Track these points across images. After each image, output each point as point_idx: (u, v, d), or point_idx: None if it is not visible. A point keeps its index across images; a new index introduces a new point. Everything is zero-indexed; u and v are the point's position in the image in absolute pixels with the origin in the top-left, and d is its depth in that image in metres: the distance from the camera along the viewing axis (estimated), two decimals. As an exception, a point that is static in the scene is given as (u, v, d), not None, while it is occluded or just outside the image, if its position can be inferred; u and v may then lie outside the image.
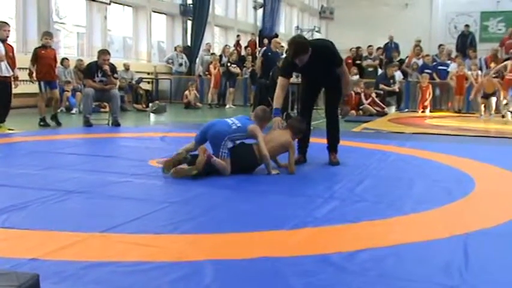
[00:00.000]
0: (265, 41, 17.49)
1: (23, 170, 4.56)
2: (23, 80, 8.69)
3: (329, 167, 5.08)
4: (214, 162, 4.37)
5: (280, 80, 5.02)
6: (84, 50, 14.75)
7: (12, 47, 7.99)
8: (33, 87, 9.47)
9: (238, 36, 18.58)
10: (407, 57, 15.79)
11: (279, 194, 3.89)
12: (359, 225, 3.09)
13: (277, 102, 4.89)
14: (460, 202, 3.74)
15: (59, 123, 8.57)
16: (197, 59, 16.39)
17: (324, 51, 4.92)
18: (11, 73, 7.59)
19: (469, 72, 13.99)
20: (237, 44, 17.85)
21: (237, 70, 15.20)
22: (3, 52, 7.48)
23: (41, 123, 8.37)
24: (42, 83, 8.51)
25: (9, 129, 7.60)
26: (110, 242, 2.69)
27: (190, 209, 3.42)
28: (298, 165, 4.98)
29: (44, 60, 8.45)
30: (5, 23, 8.17)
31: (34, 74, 8.46)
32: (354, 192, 3.92)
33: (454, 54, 16.13)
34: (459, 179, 4.58)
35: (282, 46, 12.29)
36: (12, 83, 7.75)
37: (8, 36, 7.76)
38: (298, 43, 4.80)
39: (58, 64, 10.19)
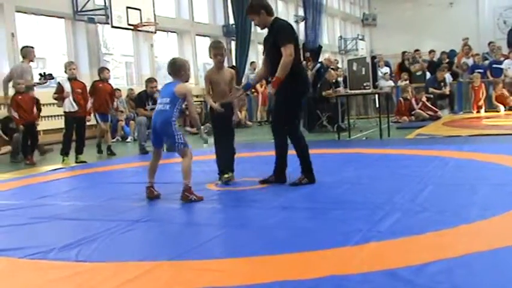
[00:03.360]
0: (308, 54, 17.53)
1: (88, 202, 4.74)
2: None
3: (387, 178, 5.00)
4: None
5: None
6: (134, 78, 15.21)
7: (82, 84, 8.28)
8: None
9: None
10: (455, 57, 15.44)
11: (338, 209, 3.85)
12: (425, 236, 3.03)
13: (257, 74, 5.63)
14: (528, 205, 3.61)
15: (113, 154, 8.93)
16: (243, 78, 16.58)
17: (276, 27, 4.84)
18: (76, 108, 7.92)
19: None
20: None
21: (284, 86, 15.25)
22: (69, 89, 7.85)
23: (98, 151, 8.98)
24: (96, 115, 8.95)
25: (82, 162, 7.95)
26: (178, 270, 2.75)
27: (251, 231, 3.44)
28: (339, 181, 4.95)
29: (100, 93, 9.00)
30: (71, 62, 8.65)
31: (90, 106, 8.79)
32: (416, 203, 3.85)
33: (505, 50, 15.62)
34: (524, 180, 4.42)
35: (335, 60, 12.62)
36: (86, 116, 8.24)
37: (74, 75, 8.10)
38: (250, 3, 4.91)
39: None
